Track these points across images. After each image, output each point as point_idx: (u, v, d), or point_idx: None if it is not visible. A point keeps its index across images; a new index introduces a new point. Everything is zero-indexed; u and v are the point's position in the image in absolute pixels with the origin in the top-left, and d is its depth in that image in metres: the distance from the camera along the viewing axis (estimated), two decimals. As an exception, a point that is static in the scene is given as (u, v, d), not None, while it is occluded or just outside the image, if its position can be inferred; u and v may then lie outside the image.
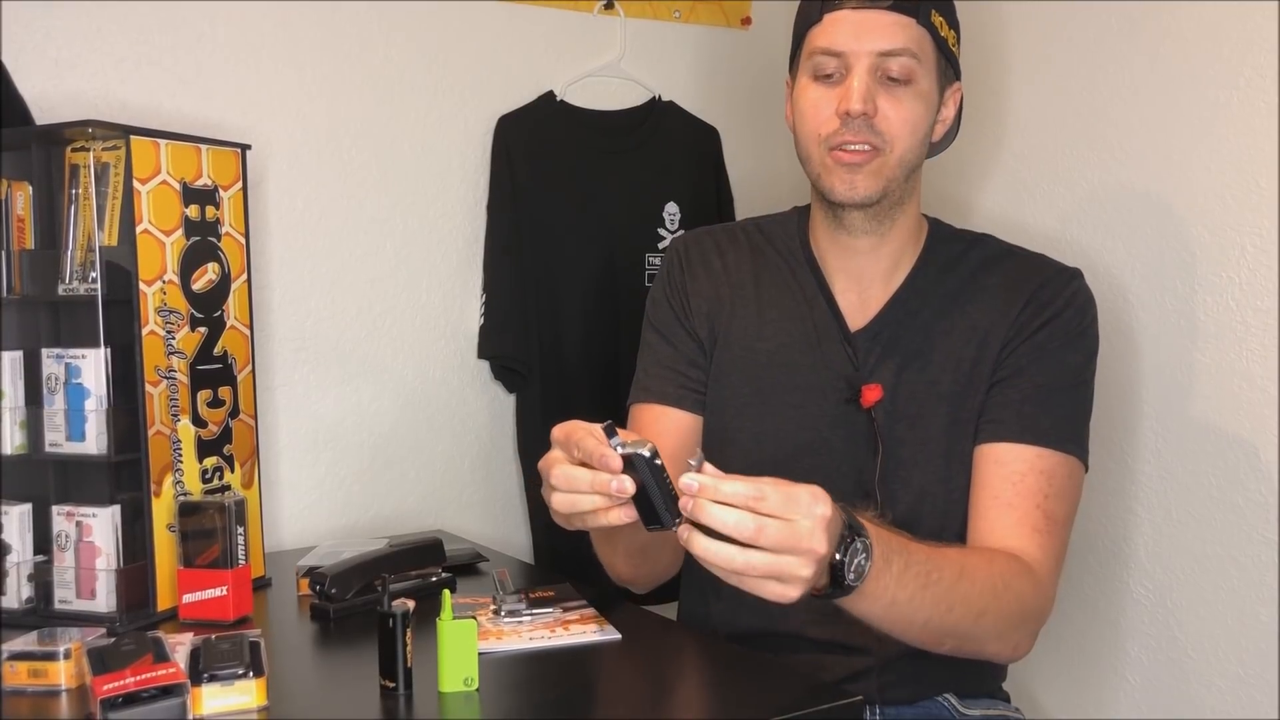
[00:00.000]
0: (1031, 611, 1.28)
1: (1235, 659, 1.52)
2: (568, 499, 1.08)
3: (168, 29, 1.64)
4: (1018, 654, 1.31)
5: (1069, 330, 1.33)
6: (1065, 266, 1.39)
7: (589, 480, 1.05)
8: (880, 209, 1.34)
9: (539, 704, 1.11)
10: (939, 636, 1.21)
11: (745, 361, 1.41)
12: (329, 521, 1.79)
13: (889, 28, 1.29)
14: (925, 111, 1.32)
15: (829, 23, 1.31)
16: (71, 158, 1.37)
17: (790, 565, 1.00)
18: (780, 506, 1.00)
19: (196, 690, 1.04)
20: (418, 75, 1.84)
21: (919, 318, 1.37)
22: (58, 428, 1.34)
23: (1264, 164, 1.46)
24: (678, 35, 2.06)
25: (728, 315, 1.44)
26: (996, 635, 1.25)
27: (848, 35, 1.29)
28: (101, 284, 1.32)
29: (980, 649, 1.27)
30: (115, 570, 1.33)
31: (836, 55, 1.30)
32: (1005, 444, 1.31)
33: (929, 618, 1.17)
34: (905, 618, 1.16)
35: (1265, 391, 1.47)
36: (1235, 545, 1.51)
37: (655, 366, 1.46)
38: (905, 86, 1.30)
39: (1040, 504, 1.28)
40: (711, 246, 1.48)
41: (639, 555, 1.38)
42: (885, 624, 1.17)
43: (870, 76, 1.29)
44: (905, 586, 1.14)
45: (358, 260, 1.80)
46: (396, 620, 1.09)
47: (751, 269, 1.45)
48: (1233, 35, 1.48)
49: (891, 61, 1.29)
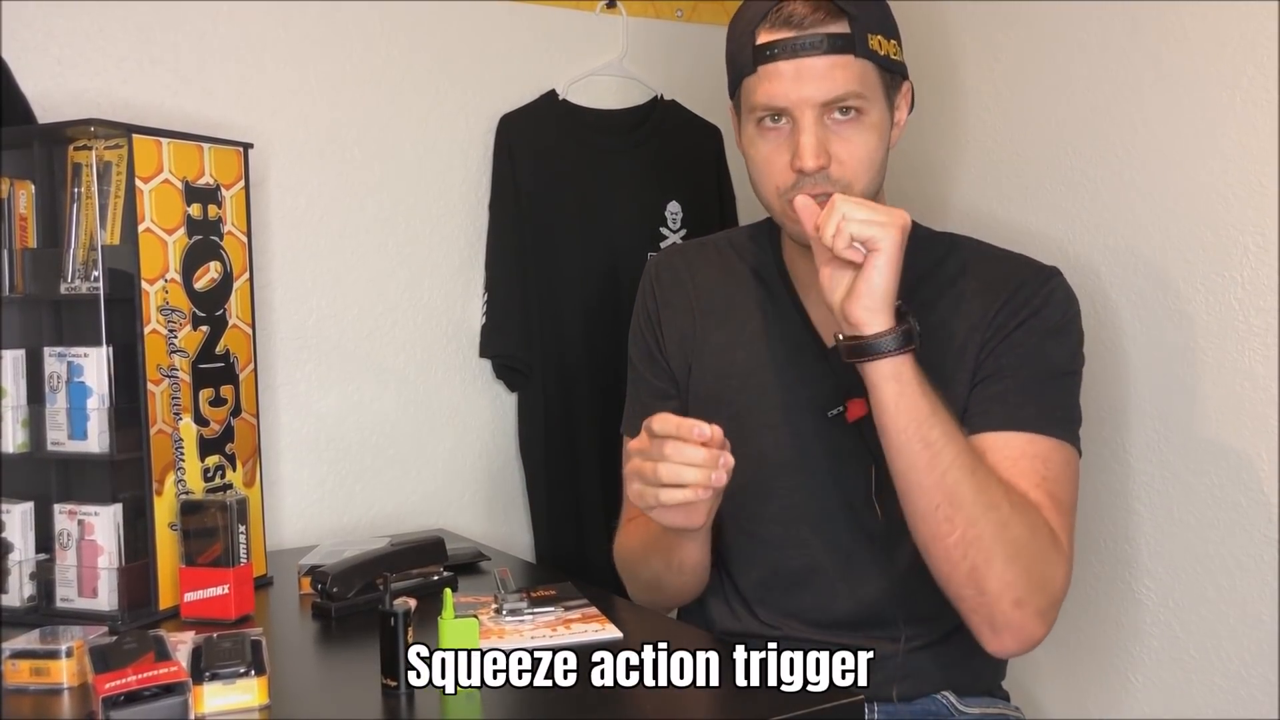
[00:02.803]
0: (1045, 561, 1.22)
1: (1236, 658, 1.52)
2: (675, 470, 1.14)
3: (170, 28, 1.64)
4: (1024, 620, 1.21)
5: (1048, 326, 1.31)
6: (1043, 266, 1.36)
7: (704, 455, 1.14)
8: None
9: (539, 704, 1.11)
10: (953, 507, 1.18)
11: (720, 386, 1.41)
12: (331, 520, 1.79)
13: (828, 73, 1.24)
14: (879, 141, 1.29)
15: (764, 76, 1.26)
16: (74, 156, 1.37)
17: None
18: None
19: (198, 689, 1.04)
20: (420, 74, 1.84)
21: None
22: (60, 426, 1.34)
23: (1265, 163, 1.46)
24: (680, 34, 2.06)
25: (700, 341, 1.43)
26: (1005, 558, 1.18)
27: (787, 89, 1.25)
28: (104, 283, 1.33)
29: (986, 569, 1.19)
30: (117, 569, 1.33)
31: (780, 110, 1.27)
32: (993, 433, 1.27)
33: (952, 462, 1.18)
34: (934, 442, 1.18)
35: (1267, 391, 1.47)
36: (1237, 545, 1.51)
37: (636, 403, 1.49)
38: (855, 123, 1.27)
39: (1039, 484, 1.25)
40: (683, 267, 1.48)
41: (690, 573, 1.38)
42: (915, 440, 1.19)
43: (818, 126, 1.25)
44: (939, 409, 1.20)
45: (359, 259, 1.81)
46: (398, 619, 1.09)
47: (724, 290, 1.45)
48: (1234, 35, 1.48)
49: (836, 105, 1.26)
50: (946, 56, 1.84)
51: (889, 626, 1.34)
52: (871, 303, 1.18)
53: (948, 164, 1.86)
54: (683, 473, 1.14)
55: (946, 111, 1.85)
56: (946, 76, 1.84)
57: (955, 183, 1.85)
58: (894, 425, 1.20)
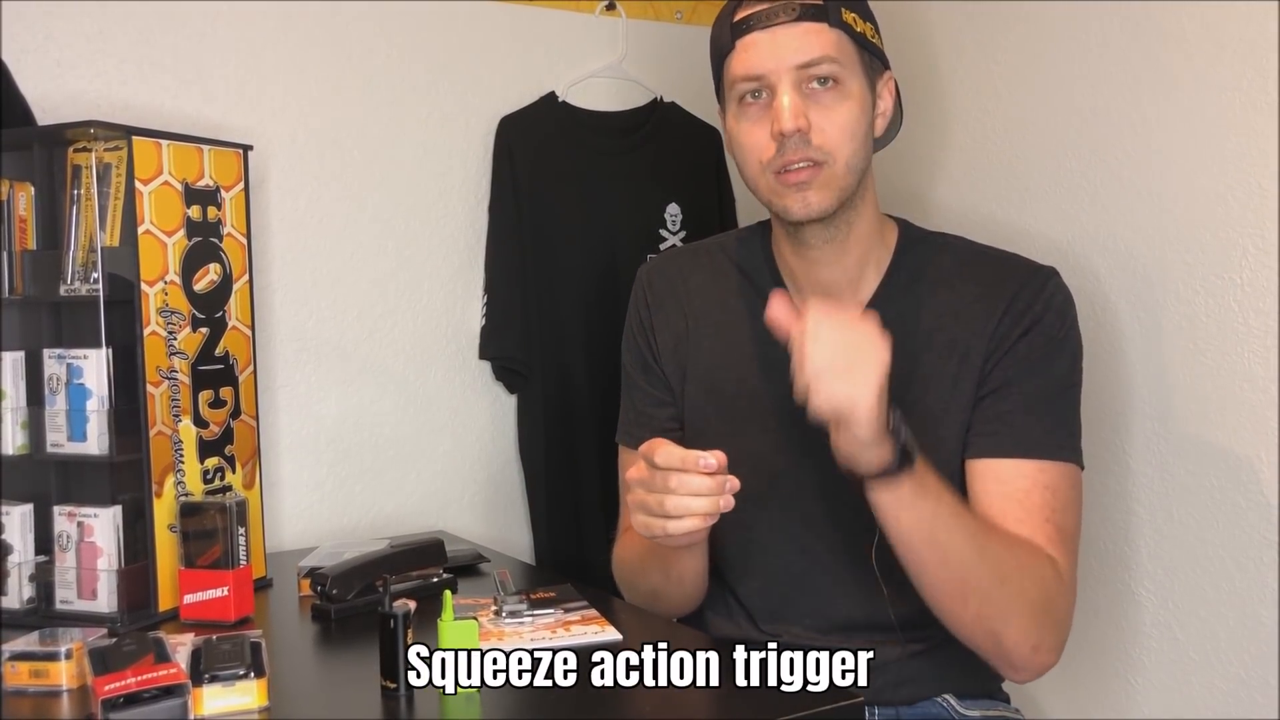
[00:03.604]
0: (1053, 609, 1.25)
1: (1236, 660, 1.52)
2: (682, 502, 1.14)
3: (170, 30, 1.64)
4: (1039, 659, 1.26)
5: (1051, 335, 1.31)
6: (1039, 266, 1.36)
7: (710, 484, 1.14)
8: (835, 217, 1.31)
9: (539, 704, 1.11)
10: (965, 589, 1.20)
11: (713, 392, 1.41)
12: (330, 522, 1.79)
13: (802, 38, 1.26)
14: (860, 113, 1.29)
15: (741, 49, 1.29)
16: (73, 158, 1.37)
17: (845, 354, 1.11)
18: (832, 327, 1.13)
19: (198, 691, 1.04)
20: (419, 76, 1.84)
21: (893, 334, 1.35)
22: (59, 428, 1.34)
23: (1265, 165, 1.46)
24: (679, 36, 2.06)
25: (694, 347, 1.43)
26: (1019, 615, 1.22)
27: (763, 56, 1.27)
28: (103, 284, 1.33)
29: (1002, 628, 1.23)
30: (116, 570, 1.33)
31: (757, 79, 1.28)
32: (1003, 460, 1.29)
33: (962, 553, 1.18)
34: (943, 541, 1.18)
35: (1266, 393, 1.47)
36: (1236, 546, 1.51)
37: (631, 410, 1.49)
38: (833, 91, 1.27)
39: (1049, 518, 1.27)
40: (675, 273, 1.48)
41: (690, 584, 1.39)
42: (924, 545, 1.18)
43: (796, 91, 1.26)
44: (944, 502, 1.17)
45: (359, 261, 1.81)
46: (397, 621, 1.09)
47: (717, 294, 1.44)
48: (1234, 36, 1.48)
49: (813, 70, 1.26)
50: (944, 57, 1.84)
51: (888, 631, 1.33)
52: (856, 450, 1.15)
53: (946, 164, 1.86)
54: (690, 504, 1.14)
55: (944, 112, 1.85)
56: (944, 77, 1.84)
57: (954, 184, 1.85)
58: (898, 534, 1.20)
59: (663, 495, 1.15)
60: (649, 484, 1.17)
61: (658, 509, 1.16)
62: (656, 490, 1.16)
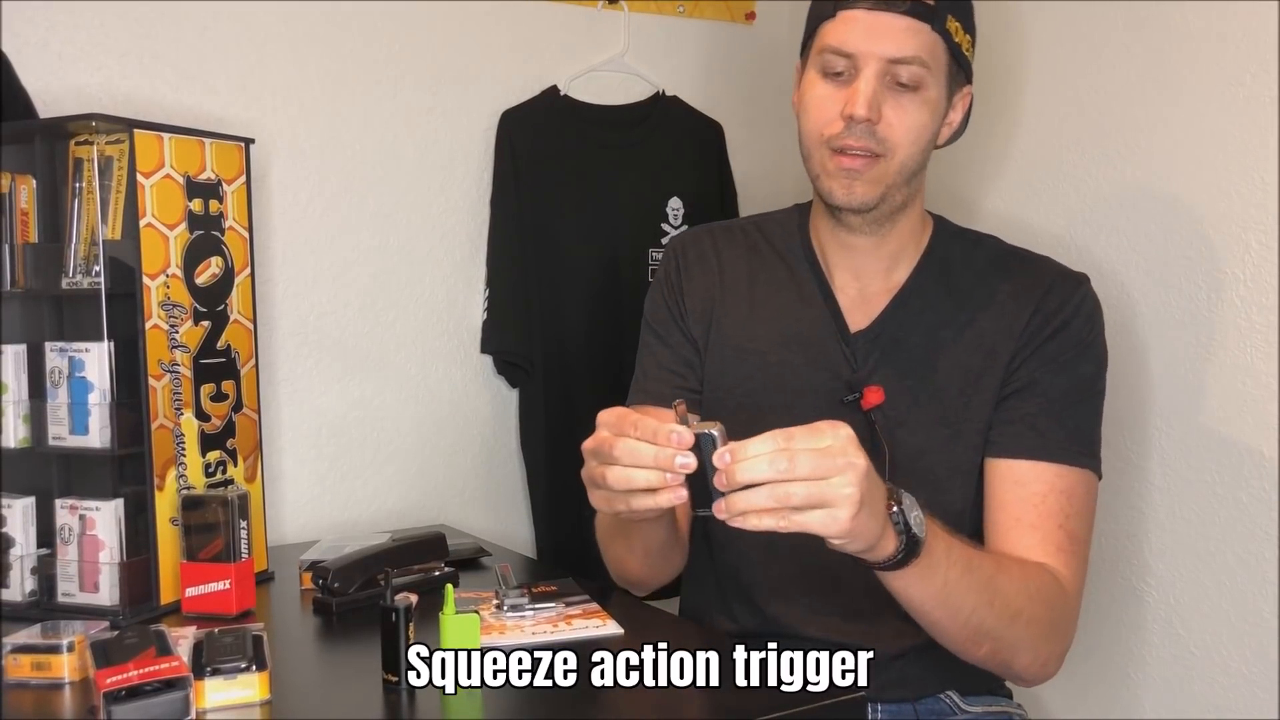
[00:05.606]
0: (1060, 623, 1.27)
1: (1238, 656, 1.52)
2: (624, 474, 1.05)
3: (171, 23, 1.64)
4: (1046, 671, 1.29)
5: (1079, 340, 1.32)
6: (1071, 271, 1.36)
7: (653, 455, 1.03)
8: (879, 213, 1.32)
9: (539, 704, 1.11)
10: (978, 635, 1.21)
11: (736, 363, 1.41)
12: (332, 516, 1.79)
13: (901, 33, 1.26)
14: (930, 119, 1.30)
15: (842, 20, 1.28)
16: (75, 151, 1.37)
17: (832, 486, 1.00)
18: (807, 438, 1.01)
19: (199, 684, 1.04)
20: (421, 70, 1.83)
21: (922, 321, 1.36)
22: (61, 421, 1.35)
23: (1267, 161, 1.46)
24: (681, 30, 2.06)
25: (721, 316, 1.43)
26: (1030, 643, 1.24)
27: (859, 36, 1.27)
28: (105, 278, 1.32)
29: (1013, 658, 1.25)
30: (118, 564, 1.33)
31: (846, 55, 1.27)
32: (1023, 462, 1.29)
33: (974, 607, 1.18)
34: (954, 603, 1.17)
35: (1268, 389, 1.47)
36: (1239, 543, 1.51)
37: (653, 369, 1.46)
38: (913, 94, 1.27)
39: (1062, 524, 1.27)
40: (709, 245, 1.48)
41: (656, 555, 1.38)
42: (935, 608, 1.17)
43: (878, 81, 1.26)
44: (954, 564, 1.15)
45: (361, 254, 1.80)
46: (399, 614, 1.09)
47: (747, 268, 1.44)
48: (1237, 33, 1.48)
49: (901, 68, 1.26)
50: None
51: (892, 622, 1.33)
52: (861, 547, 1.09)
53: (955, 160, 1.85)
54: (634, 477, 1.05)
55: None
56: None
57: (962, 180, 1.85)
58: (908, 603, 1.18)
59: (607, 467, 1.07)
60: (600, 453, 1.09)
61: (601, 481, 1.08)
62: (604, 460, 1.08)
